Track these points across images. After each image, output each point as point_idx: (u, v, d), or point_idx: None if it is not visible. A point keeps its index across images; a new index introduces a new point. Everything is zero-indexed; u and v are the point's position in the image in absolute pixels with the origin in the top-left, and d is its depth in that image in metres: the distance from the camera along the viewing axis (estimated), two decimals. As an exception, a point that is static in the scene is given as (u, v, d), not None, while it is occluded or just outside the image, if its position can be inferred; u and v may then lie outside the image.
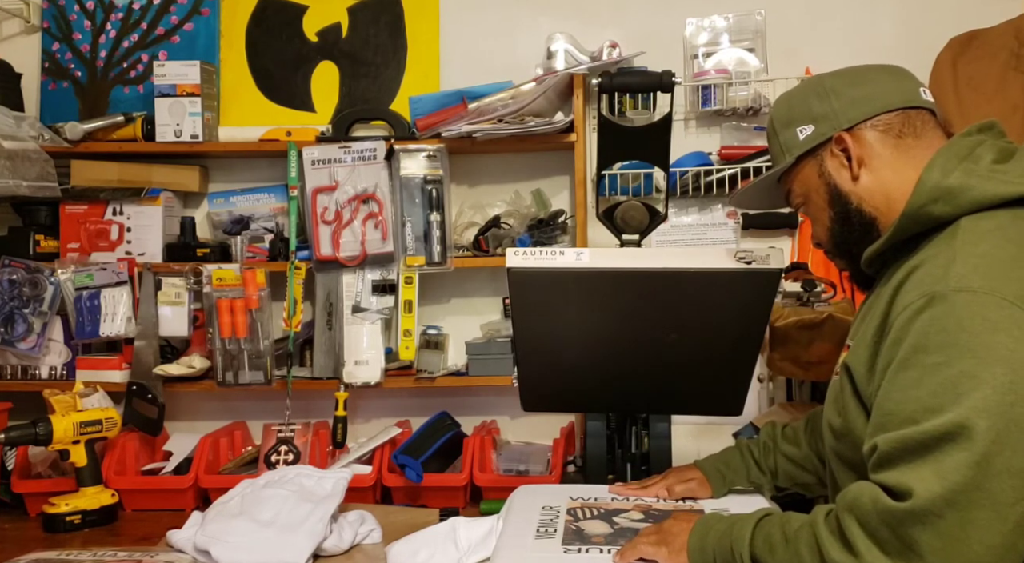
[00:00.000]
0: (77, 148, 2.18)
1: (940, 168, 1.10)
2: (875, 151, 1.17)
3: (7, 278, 2.15)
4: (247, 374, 2.15)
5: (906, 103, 1.18)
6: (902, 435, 0.96)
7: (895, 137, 1.17)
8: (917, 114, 1.18)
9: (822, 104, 1.20)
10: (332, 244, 2.15)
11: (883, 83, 1.20)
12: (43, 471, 2.06)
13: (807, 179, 1.23)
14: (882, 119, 1.17)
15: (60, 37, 2.33)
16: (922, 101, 1.19)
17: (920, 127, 1.17)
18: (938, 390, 0.95)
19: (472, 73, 2.23)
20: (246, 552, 1.52)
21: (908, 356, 0.99)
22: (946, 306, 0.98)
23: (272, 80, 2.32)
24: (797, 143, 1.22)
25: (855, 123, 1.18)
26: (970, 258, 1.01)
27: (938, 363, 0.96)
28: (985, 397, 0.92)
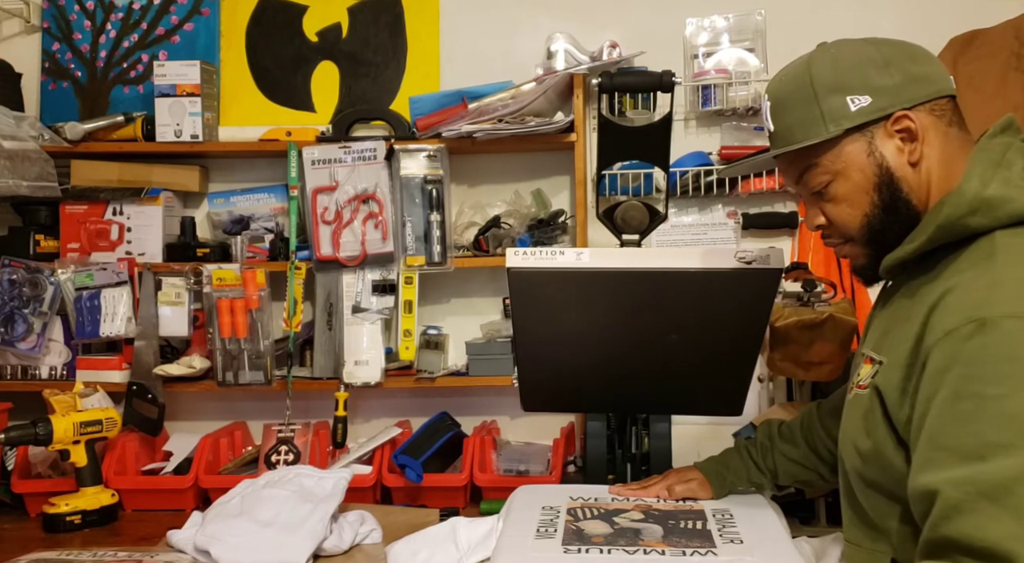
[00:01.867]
0: (77, 148, 2.18)
1: (979, 177, 1.03)
2: (929, 138, 1.08)
3: (7, 278, 2.15)
4: (247, 374, 2.15)
5: (952, 91, 1.10)
6: (971, 476, 0.89)
7: (946, 125, 1.09)
8: (957, 104, 1.11)
9: (882, 75, 1.08)
10: (332, 244, 2.15)
11: (935, 64, 1.11)
12: (43, 471, 2.06)
13: (851, 157, 1.09)
14: (939, 104, 1.09)
15: (60, 37, 2.33)
16: (954, 91, 1.11)
17: (959, 118, 1.11)
18: (1004, 424, 0.88)
19: (472, 73, 2.23)
20: (246, 552, 1.52)
21: (961, 387, 0.92)
22: (999, 334, 0.91)
23: (272, 80, 2.32)
24: (848, 114, 1.08)
25: (916, 103, 1.08)
26: (1015, 281, 0.95)
27: (1000, 395, 0.89)
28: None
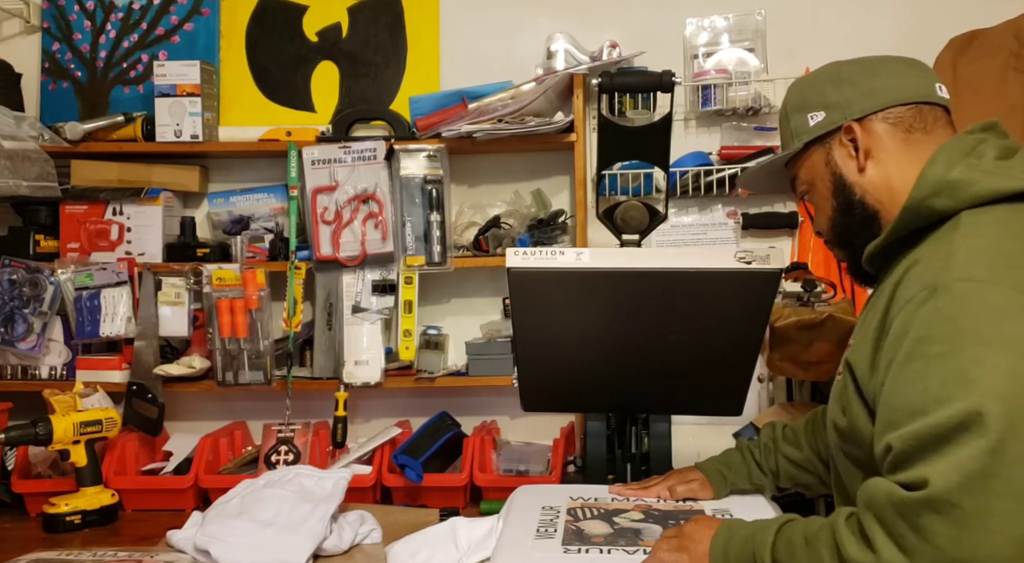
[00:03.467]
0: (77, 148, 2.18)
1: (943, 163, 1.09)
2: (883, 144, 1.17)
3: (7, 278, 2.15)
4: (247, 374, 2.15)
5: (920, 98, 1.17)
6: (914, 430, 0.93)
7: (904, 131, 1.16)
8: (930, 110, 1.17)
9: (835, 92, 1.20)
10: (332, 244, 2.15)
11: (899, 76, 1.19)
12: (43, 471, 2.06)
13: (813, 166, 1.23)
14: (894, 112, 1.17)
15: (60, 37, 2.33)
16: (937, 97, 1.18)
17: (931, 124, 1.17)
18: (947, 379, 0.92)
19: (472, 73, 2.23)
20: (246, 552, 1.52)
21: (913, 348, 0.97)
22: (949, 296, 0.97)
23: (272, 80, 2.32)
24: (807, 129, 1.22)
25: (866, 114, 1.18)
26: (971, 250, 1.01)
27: (944, 352, 0.94)
28: (996, 384, 0.90)
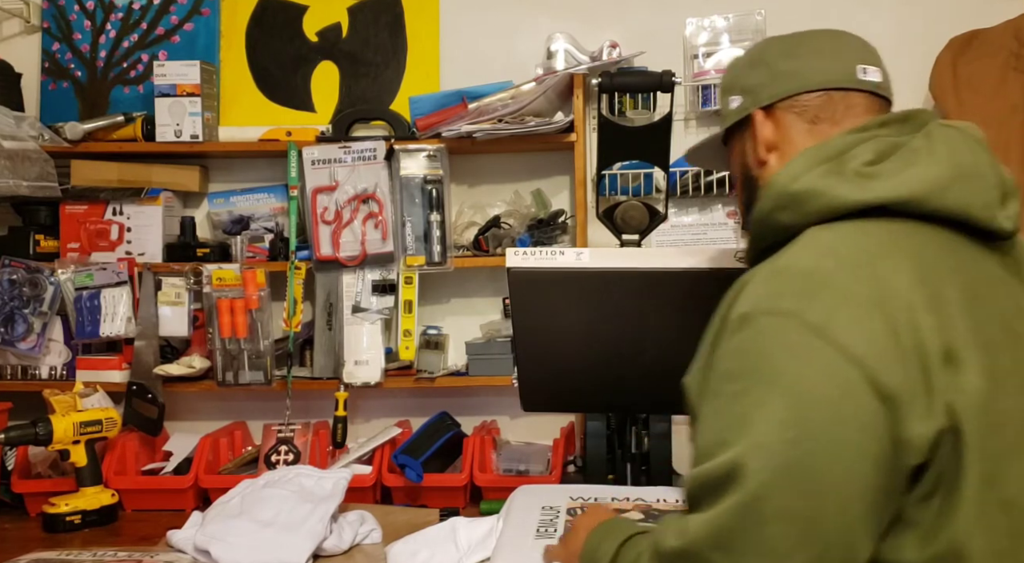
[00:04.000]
0: (77, 148, 2.18)
1: (796, 169, 0.95)
2: (789, 136, 1.04)
3: (7, 278, 2.15)
4: (247, 374, 2.15)
5: (833, 83, 1.03)
6: (696, 473, 0.86)
7: (808, 122, 1.03)
8: (843, 97, 1.02)
9: (752, 75, 1.09)
10: (332, 244, 2.15)
11: (817, 57, 1.06)
12: (43, 471, 2.06)
13: (734, 153, 1.13)
14: (801, 100, 1.03)
15: (60, 37, 2.33)
16: (856, 82, 1.03)
17: (842, 113, 1.02)
18: (732, 422, 0.84)
19: (472, 73, 2.23)
20: (246, 552, 1.52)
21: (716, 384, 0.89)
22: (752, 330, 0.86)
23: (272, 80, 2.32)
24: (728, 113, 1.11)
25: (774, 101, 1.05)
26: (787, 276, 0.88)
27: (737, 392, 0.85)
28: (765, 432, 0.81)
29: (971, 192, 0.88)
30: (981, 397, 0.80)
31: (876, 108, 1.03)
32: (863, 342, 0.81)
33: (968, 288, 0.86)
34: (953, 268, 0.87)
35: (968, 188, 0.88)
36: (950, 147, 0.90)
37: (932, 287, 0.84)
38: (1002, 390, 0.82)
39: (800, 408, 0.81)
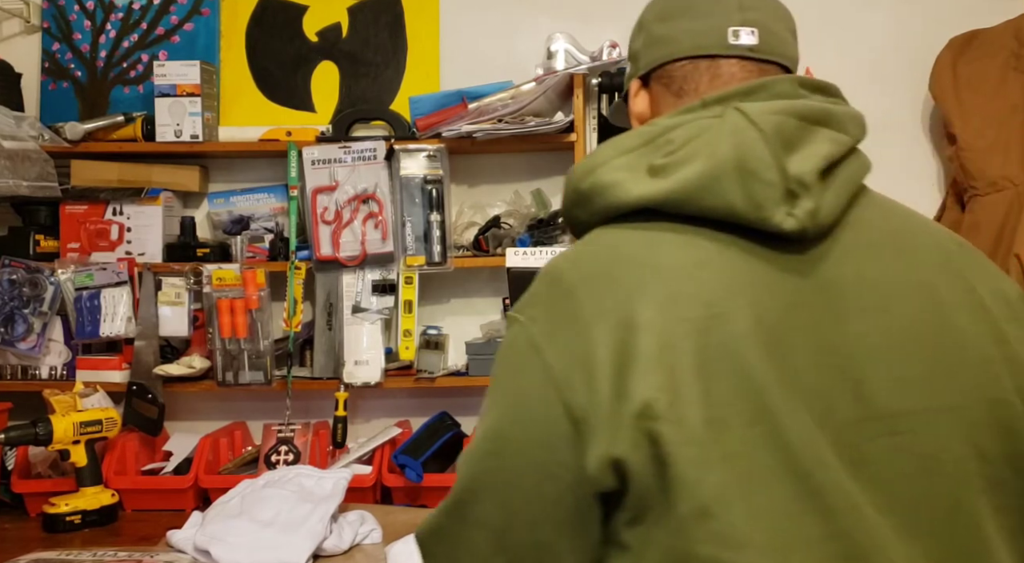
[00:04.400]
0: (77, 148, 2.18)
1: (589, 162, 0.85)
2: (659, 111, 0.93)
3: (7, 278, 2.15)
4: (247, 374, 2.15)
5: (700, 50, 0.90)
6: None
7: (674, 95, 0.91)
8: (710, 65, 0.89)
9: (635, 40, 0.97)
10: (332, 244, 2.15)
11: (687, 20, 0.92)
12: (43, 471, 2.06)
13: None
14: (668, 69, 0.91)
15: (60, 37, 2.33)
16: (726, 47, 0.89)
17: (707, 84, 0.89)
18: (473, 441, 0.84)
19: (472, 73, 2.23)
20: (246, 552, 1.52)
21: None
22: (507, 332, 0.83)
23: (272, 80, 2.32)
24: (625, 81, 1.00)
25: (648, 70, 0.93)
26: (540, 279, 0.83)
27: (486, 394, 0.84)
28: (477, 439, 0.82)
29: (734, 190, 0.77)
30: (698, 429, 0.72)
31: (755, 74, 0.89)
32: (567, 363, 0.76)
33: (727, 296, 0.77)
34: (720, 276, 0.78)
35: (732, 186, 0.77)
36: (725, 138, 0.79)
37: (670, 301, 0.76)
38: (734, 421, 0.73)
39: (504, 421, 0.80)
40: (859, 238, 0.81)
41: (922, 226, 0.87)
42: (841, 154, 0.81)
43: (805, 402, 0.74)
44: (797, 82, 0.85)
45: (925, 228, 0.87)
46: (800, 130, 0.80)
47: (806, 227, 0.77)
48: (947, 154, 2.09)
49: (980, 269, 0.85)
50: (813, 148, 0.79)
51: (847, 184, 0.82)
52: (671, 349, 0.73)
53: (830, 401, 0.75)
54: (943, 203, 2.14)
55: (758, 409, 0.73)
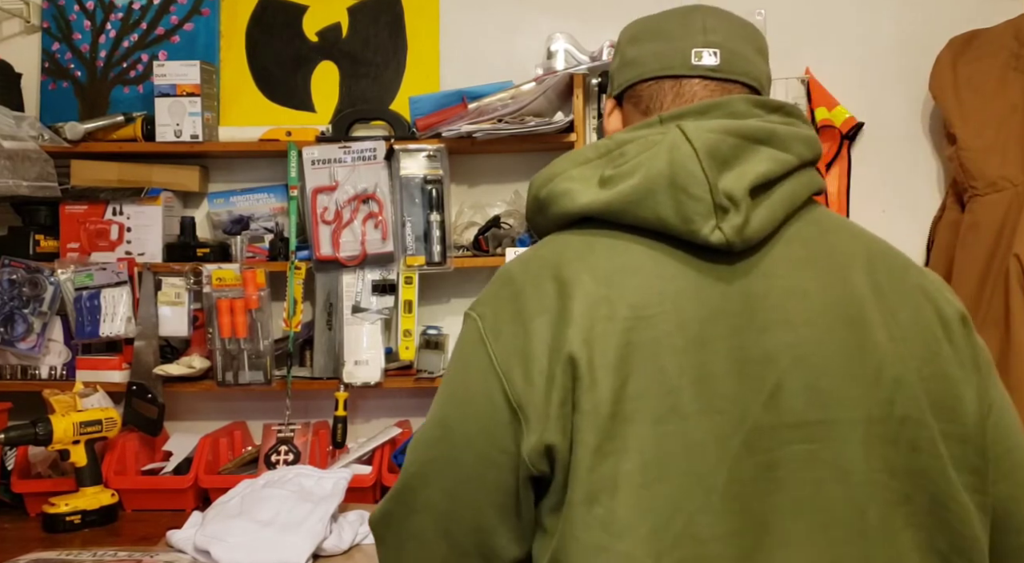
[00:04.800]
0: (77, 148, 2.18)
1: (547, 172, 0.92)
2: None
3: (7, 278, 2.15)
4: (247, 374, 2.15)
5: (665, 71, 0.95)
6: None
7: (642, 114, 0.96)
8: (674, 85, 0.94)
9: (612, 62, 1.02)
10: (332, 244, 2.15)
11: (655, 42, 0.96)
12: (43, 471, 2.06)
13: None
14: (637, 89, 0.97)
15: (60, 37, 2.33)
16: (689, 68, 0.94)
17: (670, 102, 0.94)
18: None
19: (472, 73, 2.23)
20: (246, 552, 1.52)
21: None
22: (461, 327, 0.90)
23: (272, 80, 2.32)
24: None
25: (620, 90, 0.99)
26: (495, 278, 0.91)
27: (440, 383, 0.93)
28: (425, 427, 0.88)
29: (666, 203, 0.82)
30: (604, 421, 0.78)
31: (717, 93, 0.93)
32: (509, 354, 0.83)
33: (654, 301, 0.82)
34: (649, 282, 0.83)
35: (664, 199, 0.82)
36: (662, 154, 0.84)
37: (601, 302, 0.81)
38: (640, 417, 0.78)
39: (451, 409, 0.87)
40: (791, 253, 0.85)
41: (862, 246, 0.89)
42: (780, 172, 0.85)
43: (718, 406, 0.79)
44: (752, 102, 0.89)
45: (866, 248, 0.89)
46: (738, 148, 0.84)
47: (732, 241, 0.81)
48: (947, 154, 2.09)
49: (916, 290, 0.87)
50: (749, 166, 0.84)
51: (784, 201, 0.86)
52: (593, 346, 0.79)
53: (744, 407, 0.79)
54: (943, 203, 2.14)
55: (667, 408, 0.78)
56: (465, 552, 0.86)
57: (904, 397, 0.82)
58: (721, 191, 0.82)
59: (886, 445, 0.81)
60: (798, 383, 0.81)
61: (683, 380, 0.79)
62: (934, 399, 0.83)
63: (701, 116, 0.88)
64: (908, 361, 0.83)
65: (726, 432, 0.79)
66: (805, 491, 0.79)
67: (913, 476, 0.82)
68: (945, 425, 0.83)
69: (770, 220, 0.84)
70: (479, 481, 0.84)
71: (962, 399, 0.84)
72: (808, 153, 0.88)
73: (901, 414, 0.82)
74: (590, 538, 0.78)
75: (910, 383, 0.82)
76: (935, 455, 0.82)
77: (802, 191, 0.87)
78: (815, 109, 2.15)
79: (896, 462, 0.81)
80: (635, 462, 0.78)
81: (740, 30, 0.99)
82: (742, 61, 0.95)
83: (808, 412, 0.80)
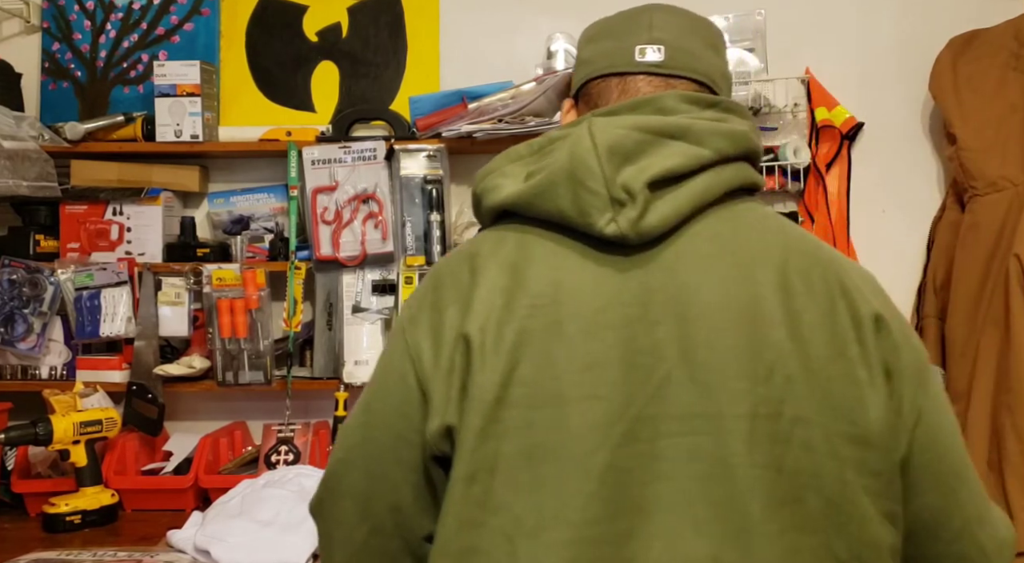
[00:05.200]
0: (77, 148, 2.18)
1: (484, 168, 0.95)
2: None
3: (7, 278, 2.15)
4: (247, 374, 2.15)
5: (613, 68, 0.97)
6: None
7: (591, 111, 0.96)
8: (620, 82, 0.96)
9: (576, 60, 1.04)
10: (332, 244, 2.15)
11: (605, 41, 1.00)
12: (43, 471, 2.06)
13: None
14: (588, 87, 0.99)
15: (60, 37, 2.33)
16: (634, 64, 0.96)
17: (615, 99, 0.96)
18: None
19: (472, 73, 2.23)
20: (246, 552, 1.52)
21: None
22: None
23: (272, 80, 2.32)
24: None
25: (577, 89, 1.01)
26: (426, 274, 0.98)
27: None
28: (351, 415, 0.93)
29: (566, 197, 0.85)
30: (489, 405, 0.82)
31: (662, 88, 0.95)
32: (421, 341, 0.88)
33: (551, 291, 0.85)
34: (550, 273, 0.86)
35: (564, 193, 0.85)
36: (567, 149, 0.86)
37: (502, 291, 0.85)
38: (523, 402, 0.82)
39: (373, 394, 0.91)
40: (695, 248, 0.86)
41: (778, 244, 0.88)
42: (691, 167, 0.86)
43: (601, 393, 0.81)
44: (684, 98, 0.90)
45: (783, 246, 0.88)
46: (645, 144, 0.85)
47: (626, 234, 0.83)
48: (947, 154, 2.09)
49: (833, 290, 0.86)
50: (653, 160, 0.85)
51: (693, 196, 0.86)
52: (487, 333, 0.84)
53: (630, 396, 0.81)
54: (943, 203, 2.14)
55: (551, 394, 0.81)
56: (386, 533, 0.90)
57: (796, 396, 0.81)
58: (619, 185, 0.83)
59: (774, 443, 0.80)
60: (685, 376, 0.81)
61: (570, 367, 0.82)
62: (835, 401, 0.82)
63: (631, 112, 0.89)
64: (807, 361, 0.82)
65: (608, 420, 0.80)
66: (688, 483, 0.80)
67: (804, 476, 0.80)
68: (845, 427, 0.81)
69: (673, 214, 0.85)
70: (395, 460, 0.88)
71: (864, 402, 0.82)
72: (729, 148, 0.88)
73: (792, 413, 0.81)
74: (467, 513, 0.82)
75: (805, 383, 0.81)
76: (832, 456, 0.81)
77: (717, 186, 0.87)
78: (815, 109, 2.16)
79: (785, 460, 0.80)
80: (514, 444, 0.81)
81: (689, 26, 0.99)
82: (687, 57, 0.96)
83: (694, 405, 0.81)
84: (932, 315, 2.07)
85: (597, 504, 0.79)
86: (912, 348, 0.87)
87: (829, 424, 0.81)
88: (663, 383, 0.81)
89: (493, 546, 0.81)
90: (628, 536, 0.79)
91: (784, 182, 2.14)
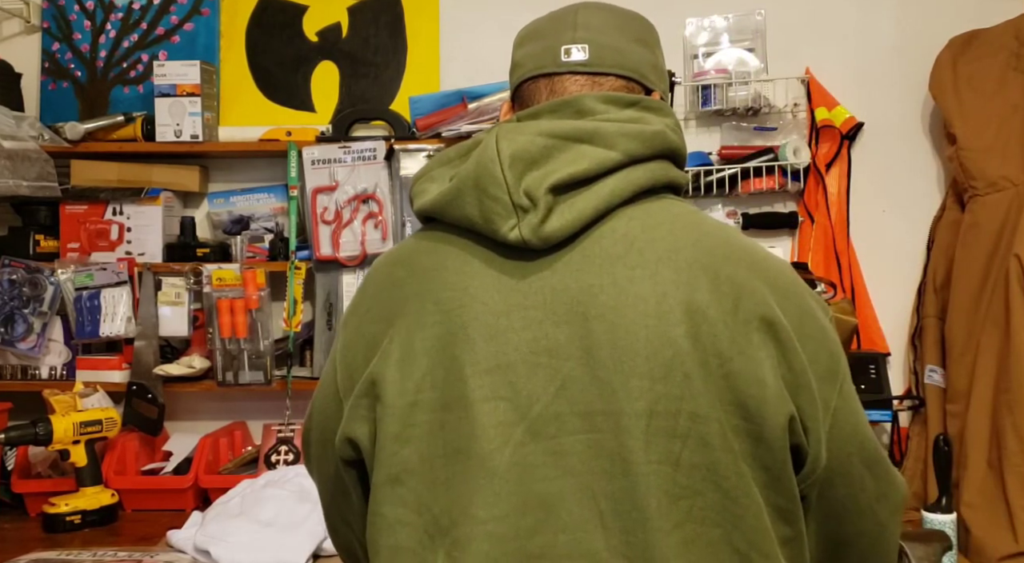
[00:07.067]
0: (77, 148, 2.18)
1: (418, 171, 0.97)
2: None
3: (7, 278, 2.15)
4: (247, 374, 2.15)
5: (540, 70, 0.97)
6: None
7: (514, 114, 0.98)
8: (548, 83, 0.97)
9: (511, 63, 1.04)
10: (332, 244, 2.15)
11: (533, 43, 1.00)
12: (43, 471, 2.06)
13: None
14: (520, 90, 1.00)
15: (60, 37, 2.33)
16: (560, 65, 0.96)
17: (545, 99, 0.96)
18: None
19: (472, 73, 2.23)
20: (246, 552, 1.52)
21: None
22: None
23: (272, 80, 2.32)
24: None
25: (512, 93, 1.02)
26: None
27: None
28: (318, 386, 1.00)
29: (472, 204, 0.87)
30: (402, 409, 0.86)
31: (589, 87, 0.95)
32: (343, 346, 0.94)
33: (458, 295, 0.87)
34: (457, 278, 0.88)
35: (471, 200, 0.87)
36: (475, 156, 0.88)
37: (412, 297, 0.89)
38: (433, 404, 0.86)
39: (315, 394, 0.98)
40: (601, 249, 0.86)
41: (689, 242, 0.87)
42: (598, 170, 0.86)
43: (504, 394, 0.84)
44: (603, 99, 0.91)
45: (694, 244, 0.87)
46: (552, 148, 0.87)
47: (528, 239, 0.85)
48: (947, 154, 2.09)
49: (743, 288, 0.85)
50: (557, 165, 0.86)
51: (600, 198, 0.86)
52: (396, 339, 0.88)
53: (532, 395, 0.84)
54: (943, 203, 2.14)
55: (456, 396, 0.85)
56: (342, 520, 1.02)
57: (694, 393, 0.82)
58: (521, 191, 0.85)
59: (671, 439, 0.82)
60: (587, 375, 0.83)
61: (474, 370, 0.85)
62: (732, 397, 0.83)
63: (552, 114, 0.91)
64: (705, 358, 0.83)
65: (511, 419, 0.83)
66: (590, 478, 0.82)
67: (701, 470, 0.82)
68: (740, 422, 0.83)
69: (576, 218, 0.86)
70: (323, 460, 0.97)
71: (763, 399, 0.83)
72: (640, 149, 0.88)
73: (690, 410, 0.82)
74: (393, 514, 0.86)
75: (702, 380, 0.83)
76: (727, 450, 0.82)
77: (626, 188, 0.87)
78: (815, 109, 2.15)
79: (682, 456, 0.82)
80: (430, 446, 0.85)
81: (616, 22, 1.00)
82: (613, 54, 0.97)
83: (595, 403, 0.83)
84: (932, 315, 2.07)
85: (503, 501, 0.82)
86: (818, 348, 0.87)
87: (724, 419, 0.83)
88: (566, 383, 0.84)
89: (420, 545, 0.85)
90: (535, 531, 0.82)
91: (784, 182, 2.14)
